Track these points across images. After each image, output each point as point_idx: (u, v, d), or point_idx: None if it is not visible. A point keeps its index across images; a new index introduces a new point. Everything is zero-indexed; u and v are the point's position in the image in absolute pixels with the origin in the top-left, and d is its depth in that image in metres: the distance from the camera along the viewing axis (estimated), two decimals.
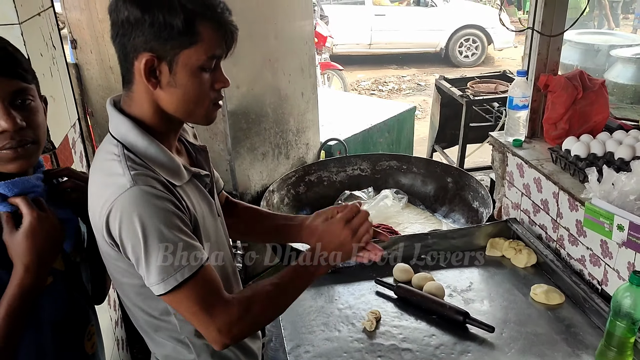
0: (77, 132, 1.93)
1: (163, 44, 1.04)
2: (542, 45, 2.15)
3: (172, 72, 1.07)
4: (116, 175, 1.06)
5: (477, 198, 2.62)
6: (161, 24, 1.03)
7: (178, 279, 1.06)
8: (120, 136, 1.11)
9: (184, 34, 1.04)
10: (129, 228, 1.04)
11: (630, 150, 1.86)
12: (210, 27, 1.07)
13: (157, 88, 1.09)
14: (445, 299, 1.83)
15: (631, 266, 1.62)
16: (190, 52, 1.06)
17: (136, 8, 1.03)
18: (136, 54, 1.06)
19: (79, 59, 2.97)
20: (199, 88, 1.10)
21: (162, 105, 1.11)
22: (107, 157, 1.10)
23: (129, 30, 1.04)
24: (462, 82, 4.24)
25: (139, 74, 1.07)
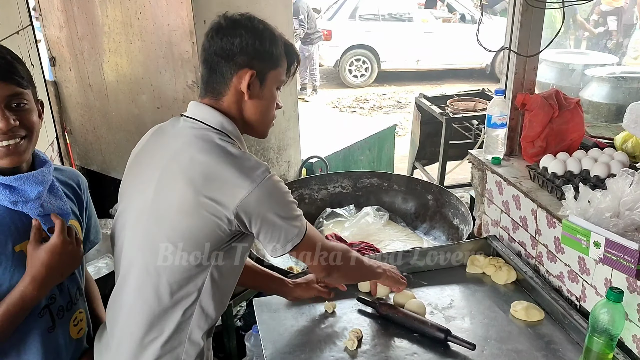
0: (55, 151, 1.91)
1: (261, 64, 1.34)
2: (518, 65, 2.18)
3: (262, 87, 1.36)
4: (246, 159, 1.28)
5: (457, 215, 2.64)
6: (266, 50, 1.33)
7: (305, 227, 1.37)
8: (224, 129, 1.34)
9: (276, 58, 1.36)
10: (274, 201, 1.29)
11: (605, 167, 1.89)
12: (289, 57, 1.41)
13: (249, 98, 1.34)
14: (427, 317, 1.83)
15: (608, 282, 1.64)
16: (276, 72, 1.38)
17: (251, 34, 1.31)
18: (237, 70, 1.32)
19: (57, 76, 2.96)
20: (273, 102, 1.41)
21: (245, 112, 1.37)
22: (223, 139, 1.31)
23: (237, 51, 1.31)
24: (442, 100, 4.29)
25: (235, 86, 1.33)
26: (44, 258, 1.22)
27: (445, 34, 10.16)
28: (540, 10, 2.11)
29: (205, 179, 1.25)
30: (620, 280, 1.58)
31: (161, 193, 1.30)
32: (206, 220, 1.26)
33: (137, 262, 1.34)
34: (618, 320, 1.42)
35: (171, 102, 2.56)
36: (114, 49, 2.68)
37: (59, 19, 2.79)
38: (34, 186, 1.24)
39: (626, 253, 1.45)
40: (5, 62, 1.21)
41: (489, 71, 10.08)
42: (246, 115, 1.38)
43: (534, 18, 2.12)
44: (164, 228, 1.29)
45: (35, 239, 1.23)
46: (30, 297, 1.21)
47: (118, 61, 2.69)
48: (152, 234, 1.31)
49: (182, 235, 1.27)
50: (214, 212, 1.25)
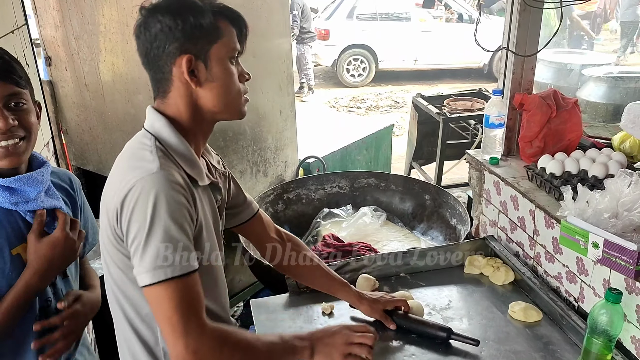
0: (50, 151, 1.89)
1: (195, 43, 1.16)
2: (516, 65, 2.18)
3: (208, 68, 1.18)
4: (145, 161, 1.12)
5: (454, 215, 2.64)
6: (192, 25, 1.14)
7: (167, 274, 1.06)
8: (154, 130, 1.19)
9: (210, 30, 1.17)
10: (142, 207, 1.06)
11: (603, 168, 1.89)
12: (227, 23, 1.20)
13: (197, 86, 1.18)
14: (425, 318, 1.82)
15: (606, 283, 1.63)
16: (218, 46, 1.18)
17: (168, 16, 1.14)
18: (173, 60, 1.15)
19: (53, 76, 2.94)
20: (233, 79, 1.21)
21: (201, 103, 1.20)
22: (138, 146, 1.17)
23: (163, 39, 1.15)
24: (439, 99, 4.29)
25: (178, 78, 1.17)
26: (45, 251, 1.25)
27: (443, 33, 10.18)
28: (538, 10, 2.10)
29: (107, 185, 1.18)
30: (618, 281, 1.57)
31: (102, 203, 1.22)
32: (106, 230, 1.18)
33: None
34: (617, 321, 1.42)
35: None
36: (110, 49, 2.66)
37: (55, 19, 2.77)
38: (33, 187, 1.25)
39: (625, 254, 1.44)
40: (3, 61, 1.22)
41: (486, 70, 10.09)
42: (204, 105, 1.21)
43: (532, 18, 2.11)
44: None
45: (37, 231, 1.26)
46: (33, 288, 1.24)
47: (114, 61, 2.68)
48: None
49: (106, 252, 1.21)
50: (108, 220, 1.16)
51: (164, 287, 1.06)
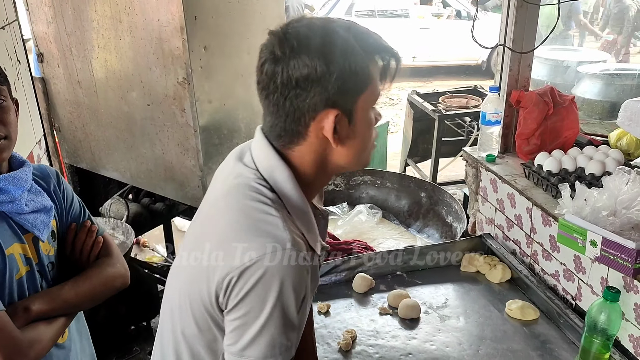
0: (42, 149, 1.87)
1: (344, 94, 0.92)
2: (513, 62, 2.17)
3: (352, 123, 0.95)
4: (274, 226, 0.92)
5: (451, 213, 2.63)
6: (348, 72, 0.91)
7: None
8: (274, 182, 0.98)
9: (361, 78, 0.93)
10: (262, 291, 0.90)
11: (600, 165, 1.88)
12: (379, 64, 0.96)
13: (337, 145, 0.96)
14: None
15: (604, 281, 1.62)
16: (365, 96, 0.95)
17: (320, 61, 0.89)
18: (315, 114, 0.93)
19: (45, 73, 2.90)
20: (372, 131, 1.01)
21: (333, 159, 0.99)
22: (259, 198, 0.95)
23: (307, 86, 0.90)
24: (434, 96, 4.28)
25: (316, 134, 0.95)
26: None
27: (441, 30, 10.15)
28: (535, 7, 2.09)
29: (214, 242, 0.97)
30: (616, 279, 1.56)
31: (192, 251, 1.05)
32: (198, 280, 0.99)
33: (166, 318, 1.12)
34: (615, 319, 1.41)
35: (162, 98, 2.51)
36: (103, 45, 2.63)
37: (47, 15, 2.73)
38: (18, 186, 1.23)
39: (623, 252, 1.44)
40: None
41: (485, 67, 10.08)
42: (335, 161, 0.99)
43: (529, 14, 2.10)
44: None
45: None
46: None
47: (107, 57, 2.65)
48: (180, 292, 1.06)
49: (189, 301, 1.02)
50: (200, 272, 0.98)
51: None
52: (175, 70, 2.40)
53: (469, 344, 1.68)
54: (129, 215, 3.05)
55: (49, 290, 1.29)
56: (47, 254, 1.31)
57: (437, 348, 1.67)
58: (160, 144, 2.61)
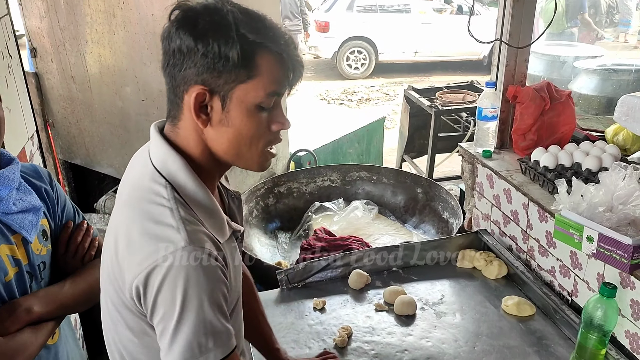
0: (35, 144, 1.85)
1: (217, 77, 0.93)
2: (510, 57, 2.16)
3: (225, 109, 0.96)
4: (167, 227, 0.93)
5: (447, 209, 2.62)
6: (216, 54, 0.92)
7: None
8: (168, 174, 0.99)
9: (241, 67, 0.93)
10: (168, 293, 0.90)
11: (597, 161, 1.87)
12: (271, 60, 0.96)
13: (207, 126, 0.97)
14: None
15: (600, 277, 1.62)
16: (247, 87, 0.95)
17: (189, 36, 0.92)
18: (186, 87, 0.95)
19: (38, 68, 2.88)
20: (254, 128, 0.99)
21: (210, 145, 1.00)
22: (153, 199, 0.96)
23: (180, 59, 0.94)
24: (431, 92, 4.27)
25: (188, 109, 0.96)
26: None
27: (443, 25, 10.14)
28: (532, 1, 2.08)
29: (117, 241, 0.99)
30: (612, 275, 1.56)
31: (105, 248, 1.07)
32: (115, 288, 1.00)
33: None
34: (611, 315, 1.41)
35: (156, 94, 2.50)
36: (97, 40, 2.61)
37: (40, 9, 2.71)
38: (4, 185, 1.19)
39: (620, 248, 1.43)
40: None
41: (486, 62, 10.07)
42: (213, 147, 1.00)
43: (525, 9, 2.09)
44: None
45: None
46: None
47: (101, 52, 2.63)
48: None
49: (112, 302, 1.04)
50: (117, 282, 0.99)
51: None
52: None
53: (465, 341, 1.68)
54: None
55: (47, 290, 1.26)
56: (39, 253, 1.28)
57: (433, 344, 1.67)
58: None
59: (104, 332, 1.13)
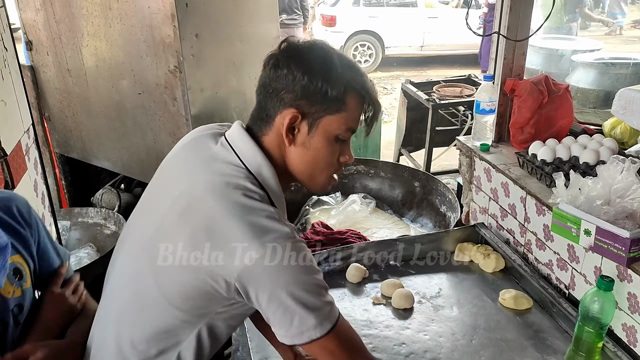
0: (31, 138, 1.84)
1: (311, 105, 1.08)
2: (507, 50, 2.15)
3: (310, 134, 1.11)
4: (272, 221, 1.03)
5: (444, 202, 2.62)
6: (317, 87, 1.07)
7: (333, 320, 1.07)
8: (262, 179, 1.11)
9: (334, 101, 1.09)
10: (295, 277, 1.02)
11: (594, 154, 1.87)
12: (357, 100, 1.11)
13: (292, 145, 1.12)
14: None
15: (598, 270, 1.62)
16: (333, 119, 1.10)
17: (299, 68, 1.07)
18: (281, 108, 1.09)
19: (34, 61, 2.87)
20: (329, 156, 1.14)
21: (288, 162, 1.14)
22: (253, 196, 1.06)
23: (283, 85, 1.08)
24: (428, 85, 4.26)
25: (278, 127, 1.11)
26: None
27: (449, 19, 10.06)
28: None
29: (207, 231, 1.04)
30: (610, 269, 1.56)
31: (162, 231, 1.12)
32: (201, 279, 1.06)
33: (119, 296, 1.19)
34: (608, 309, 1.41)
35: (153, 87, 2.49)
36: (93, 33, 2.59)
37: (35, 1, 2.69)
38: None
39: (617, 241, 1.43)
40: None
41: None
42: (288, 163, 1.15)
43: (524, 2, 2.08)
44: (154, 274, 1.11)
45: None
46: None
47: (97, 45, 2.61)
48: (142, 276, 1.13)
49: (171, 289, 1.10)
50: (210, 273, 1.04)
51: (332, 335, 1.06)
52: (166, 59, 2.38)
53: (462, 334, 1.68)
54: (120, 205, 3.03)
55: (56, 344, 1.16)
56: (11, 296, 1.12)
57: (430, 338, 1.67)
58: (152, 133, 2.58)
59: (103, 318, 1.19)
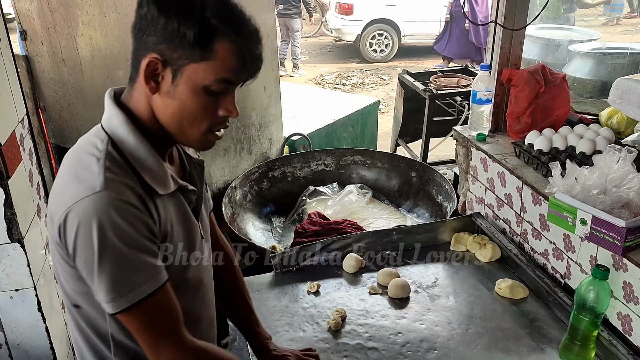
0: (26, 128, 1.83)
1: (172, 51, 0.97)
2: (504, 39, 2.14)
3: (174, 83, 1.00)
4: (89, 173, 0.98)
5: (441, 192, 2.62)
6: (174, 29, 0.95)
7: (130, 300, 0.98)
8: (110, 129, 1.04)
9: (197, 47, 0.96)
10: (85, 236, 0.94)
11: (591, 144, 1.87)
12: (228, 48, 0.98)
13: (156, 94, 1.02)
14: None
15: (593, 260, 1.62)
16: (198, 67, 0.98)
17: (154, 6, 0.96)
18: (144, 52, 0.99)
19: (29, 51, 2.84)
20: (198, 109, 1.02)
21: (156, 113, 1.04)
22: (88, 149, 1.02)
23: (145, 26, 0.98)
24: (425, 76, 4.24)
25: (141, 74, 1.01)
26: None
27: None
28: None
29: (54, 188, 1.04)
30: (605, 258, 1.57)
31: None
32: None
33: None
34: (604, 298, 1.41)
35: None
36: (88, 22, 2.57)
37: None
38: None
39: (613, 230, 1.43)
40: None
41: None
42: (158, 115, 1.04)
43: None
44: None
45: None
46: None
47: (92, 35, 2.59)
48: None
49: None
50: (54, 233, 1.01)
51: (131, 312, 0.99)
52: None
53: (459, 323, 1.69)
54: None
55: None
56: None
57: (426, 327, 1.67)
58: None
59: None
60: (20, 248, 1.66)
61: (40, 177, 1.91)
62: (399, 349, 1.59)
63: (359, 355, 1.57)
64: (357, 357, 1.56)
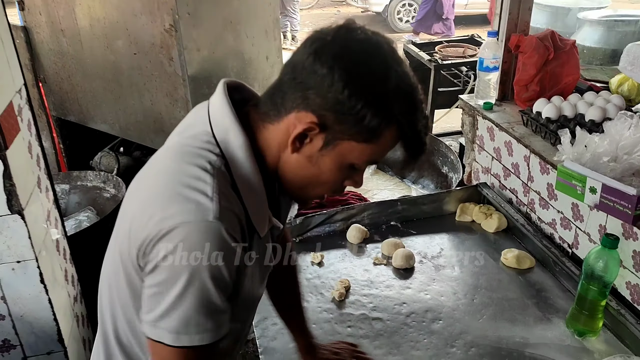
0: (24, 99, 1.79)
1: (338, 122, 0.86)
2: (512, 5, 2.08)
3: (322, 151, 0.89)
4: (199, 194, 0.84)
5: (446, 163, 2.59)
6: (355, 109, 0.85)
7: (193, 342, 0.88)
8: (225, 144, 0.91)
9: (367, 131, 0.87)
10: (179, 259, 0.83)
11: (600, 111, 1.83)
12: (396, 138, 0.90)
13: (293, 152, 0.91)
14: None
15: (602, 229, 1.60)
16: (357, 146, 0.89)
17: (342, 80, 0.84)
18: (302, 108, 0.87)
19: (27, 21, 2.80)
20: (332, 180, 0.94)
21: (282, 165, 0.94)
22: (196, 160, 0.88)
23: (314, 84, 0.85)
24: (430, 46, 4.17)
25: (288, 127, 0.89)
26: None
27: None
28: None
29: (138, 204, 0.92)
30: (615, 227, 1.54)
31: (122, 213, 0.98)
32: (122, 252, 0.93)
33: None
34: (612, 267, 1.39)
35: (148, 47, 2.42)
36: None
37: None
38: None
39: (623, 199, 1.40)
40: None
41: None
42: (281, 166, 0.94)
43: None
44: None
45: None
46: None
47: (90, 4, 2.54)
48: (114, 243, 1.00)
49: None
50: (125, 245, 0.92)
51: (180, 351, 0.88)
52: (161, 17, 2.31)
53: (464, 293, 1.67)
54: (119, 168, 3.00)
55: None
56: None
57: (431, 297, 1.66)
58: (149, 94, 2.53)
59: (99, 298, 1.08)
60: (20, 220, 1.64)
61: (40, 149, 1.88)
62: (404, 319, 1.57)
63: (363, 325, 1.55)
64: (362, 328, 1.55)
